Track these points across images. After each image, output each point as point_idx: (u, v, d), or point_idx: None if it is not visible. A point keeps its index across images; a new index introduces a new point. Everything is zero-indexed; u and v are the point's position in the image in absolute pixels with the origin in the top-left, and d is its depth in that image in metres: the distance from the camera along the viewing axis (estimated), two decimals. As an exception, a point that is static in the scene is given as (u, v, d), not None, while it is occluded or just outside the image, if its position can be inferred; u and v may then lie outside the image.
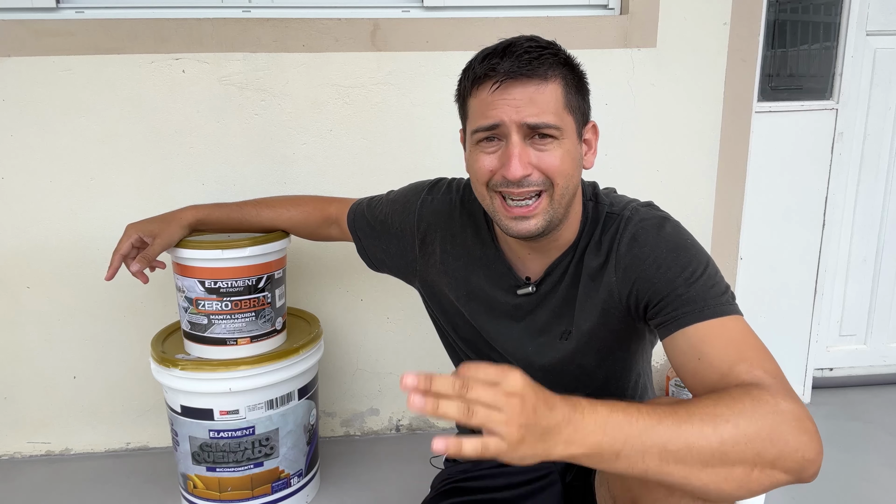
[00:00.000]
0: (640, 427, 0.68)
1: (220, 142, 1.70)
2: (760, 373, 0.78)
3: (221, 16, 1.66)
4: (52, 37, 1.60)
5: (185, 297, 1.41)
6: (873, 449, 1.81)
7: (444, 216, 1.11)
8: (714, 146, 1.87)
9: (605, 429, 0.68)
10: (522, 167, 0.87)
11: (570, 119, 0.90)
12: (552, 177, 0.89)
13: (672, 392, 1.93)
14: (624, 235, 0.95)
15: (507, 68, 0.86)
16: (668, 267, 0.90)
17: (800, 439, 0.71)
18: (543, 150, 0.88)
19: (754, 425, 0.70)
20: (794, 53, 1.96)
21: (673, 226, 0.95)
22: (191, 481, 1.49)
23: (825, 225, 2.02)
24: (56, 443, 1.84)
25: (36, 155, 1.66)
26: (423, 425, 1.96)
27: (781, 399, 0.73)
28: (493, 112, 0.87)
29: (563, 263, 1.00)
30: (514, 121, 0.86)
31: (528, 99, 0.86)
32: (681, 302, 0.87)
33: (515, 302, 1.04)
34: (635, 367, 1.10)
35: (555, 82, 0.88)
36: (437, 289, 1.14)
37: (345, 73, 1.70)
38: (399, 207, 1.17)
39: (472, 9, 1.74)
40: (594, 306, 0.99)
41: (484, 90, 0.88)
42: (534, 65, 0.86)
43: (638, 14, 1.75)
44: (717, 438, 0.69)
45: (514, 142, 0.87)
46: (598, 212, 1.00)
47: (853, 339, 2.17)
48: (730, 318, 0.85)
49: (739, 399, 0.72)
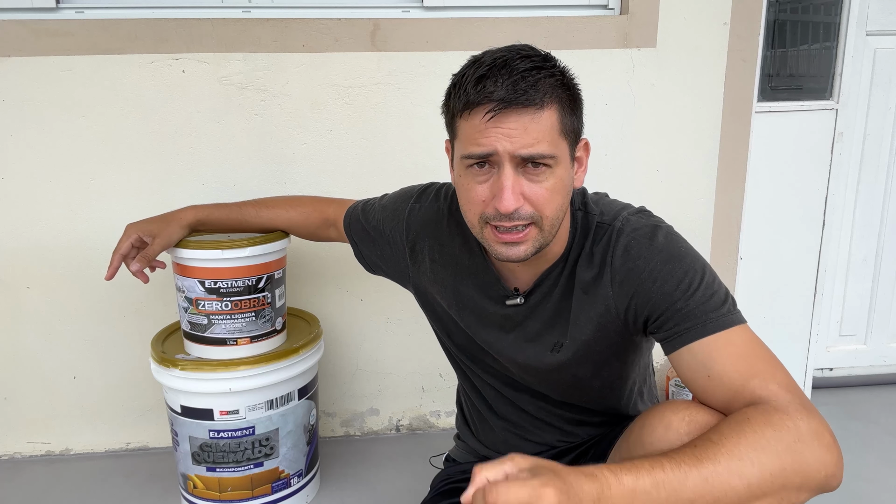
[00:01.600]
0: (668, 490, 0.68)
1: (220, 142, 1.70)
2: (775, 387, 0.78)
3: (221, 16, 1.66)
4: (52, 37, 1.60)
5: (185, 298, 1.41)
6: (873, 449, 1.81)
7: (431, 225, 1.09)
8: (714, 146, 1.87)
9: (634, 501, 0.67)
10: (515, 199, 0.84)
11: (565, 144, 0.88)
12: (541, 209, 0.87)
13: (672, 392, 1.93)
14: (617, 248, 0.93)
15: (502, 96, 0.82)
16: (664, 280, 0.88)
17: (822, 459, 0.73)
18: (536, 181, 0.85)
19: (779, 461, 0.71)
20: (794, 53, 1.96)
21: (665, 234, 0.93)
22: (191, 481, 1.49)
23: (825, 225, 2.02)
24: (56, 443, 1.84)
25: (36, 155, 1.66)
26: (423, 425, 1.96)
27: (799, 418, 0.74)
28: (487, 141, 0.84)
29: (553, 275, 0.99)
30: (508, 151, 0.83)
31: (523, 128, 0.83)
32: (681, 317, 0.86)
33: (504, 312, 1.03)
34: (631, 375, 1.09)
35: (550, 108, 0.84)
36: (429, 296, 1.14)
37: (345, 73, 1.70)
38: (389, 214, 1.16)
39: (472, 9, 1.74)
40: (589, 320, 0.97)
41: (476, 117, 0.84)
42: (529, 93, 0.82)
43: (638, 14, 1.75)
44: (744, 484, 0.70)
45: (506, 173, 0.84)
46: (587, 221, 0.98)
47: (853, 339, 2.17)
48: (734, 329, 0.84)
49: (760, 432, 0.72)
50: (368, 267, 1.26)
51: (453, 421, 1.38)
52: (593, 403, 1.10)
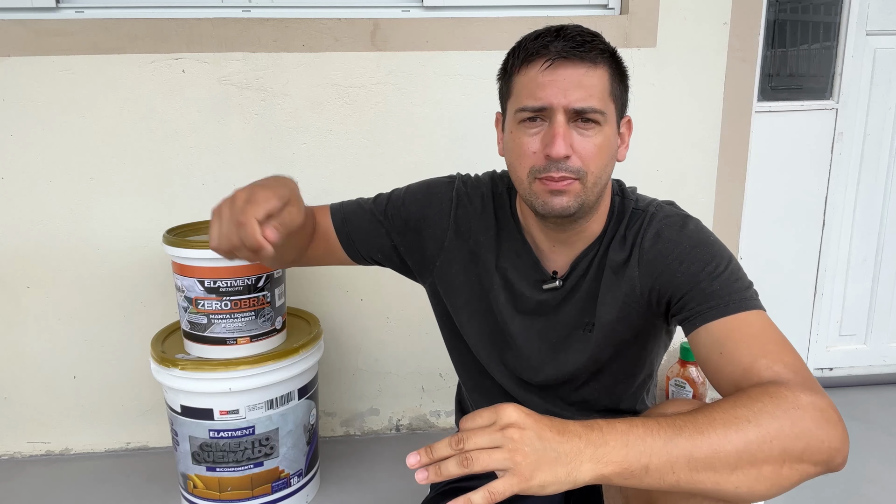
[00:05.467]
0: (664, 438, 0.68)
1: (220, 142, 1.70)
2: (781, 367, 0.78)
3: (221, 16, 1.66)
4: (52, 36, 1.60)
5: (185, 297, 1.41)
6: (873, 449, 1.81)
7: (477, 209, 1.09)
8: (714, 146, 1.87)
9: (628, 443, 0.67)
10: (566, 147, 0.88)
11: (613, 107, 0.92)
12: (587, 164, 0.90)
13: (672, 392, 1.93)
14: (648, 231, 0.96)
15: (560, 48, 0.88)
16: (690, 262, 0.91)
17: (825, 430, 0.72)
18: (585, 135, 0.89)
19: (776, 422, 0.70)
20: (794, 53, 1.96)
21: (695, 223, 0.97)
22: (191, 481, 1.49)
23: (825, 225, 2.02)
24: (56, 443, 1.84)
25: (36, 155, 1.66)
26: (423, 425, 1.96)
27: (801, 393, 0.73)
28: (542, 93, 0.88)
29: (589, 256, 1.01)
30: (562, 104, 0.88)
31: (577, 82, 0.88)
32: (704, 297, 0.88)
33: (540, 298, 1.04)
34: (646, 366, 1.10)
35: (602, 68, 0.90)
36: (453, 286, 1.10)
37: (345, 72, 1.70)
38: (432, 200, 1.09)
39: (472, 9, 1.74)
40: (615, 300, 0.99)
41: (534, 68, 0.89)
42: (585, 48, 0.88)
43: (638, 14, 1.75)
44: (742, 440, 0.69)
45: (558, 121, 0.88)
46: (623, 206, 1.01)
47: (853, 338, 2.17)
48: (752, 312, 0.85)
49: (758, 398, 0.72)
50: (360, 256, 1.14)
51: (453, 421, 1.38)
52: (604, 399, 1.10)
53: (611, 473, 0.67)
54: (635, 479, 0.68)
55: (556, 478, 0.65)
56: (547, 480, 0.65)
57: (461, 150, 1.77)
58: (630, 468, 0.67)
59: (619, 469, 0.67)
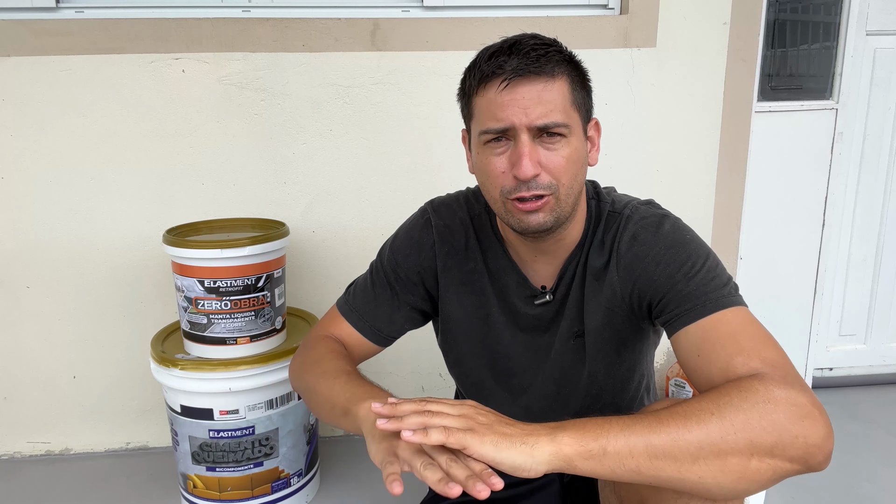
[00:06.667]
0: (621, 424, 0.71)
1: (220, 142, 1.70)
2: (757, 363, 0.77)
3: (221, 15, 1.66)
4: (52, 36, 1.60)
5: (185, 297, 1.41)
6: (873, 449, 1.81)
7: (460, 241, 1.06)
8: (714, 146, 1.87)
9: (585, 426, 0.71)
10: (533, 166, 0.87)
11: (577, 116, 0.90)
12: (558, 177, 0.89)
13: (672, 392, 1.93)
14: (624, 234, 0.95)
15: (515, 66, 0.85)
16: (666, 263, 0.90)
17: (799, 425, 0.70)
18: (552, 149, 0.88)
19: (742, 415, 0.70)
20: (794, 53, 1.96)
21: (672, 223, 0.95)
22: (191, 481, 1.49)
23: (825, 225, 2.02)
24: (56, 443, 1.84)
25: (36, 155, 1.66)
26: (423, 425, 1.96)
27: (775, 387, 0.72)
28: (503, 114, 0.86)
29: (573, 265, 1.00)
30: (524, 123, 0.86)
31: (537, 98, 0.86)
32: (681, 298, 0.87)
33: (534, 313, 1.04)
34: (638, 369, 1.09)
35: (561, 79, 0.88)
36: (454, 315, 1.09)
37: (345, 72, 1.70)
38: (414, 249, 1.07)
39: (472, 8, 1.74)
40: (599, 305, 0.99)
41: (491, 89, 0.87)
42: (541, 62, 0.86)
43: (638, 14, 1.75)
44: (703, 430, 0.69)
45: (523, 141, 0.87)
46: (600, 210, 1.00)
47: (853, 338, 2.17)
48: (730, 310, 0.85)
49: (726, 392, 0.72)
50: (391, 340, 1.13)
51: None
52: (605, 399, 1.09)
53: (572, 453, 0.69)
54: (594, 460, 0.70)
55: (514, 447, 0.69)
56: (503, 445, 0.69)
57: (461, 149, 1.76)
58: (587, 448, 0.69)
59: (577, 448, 0.69)
